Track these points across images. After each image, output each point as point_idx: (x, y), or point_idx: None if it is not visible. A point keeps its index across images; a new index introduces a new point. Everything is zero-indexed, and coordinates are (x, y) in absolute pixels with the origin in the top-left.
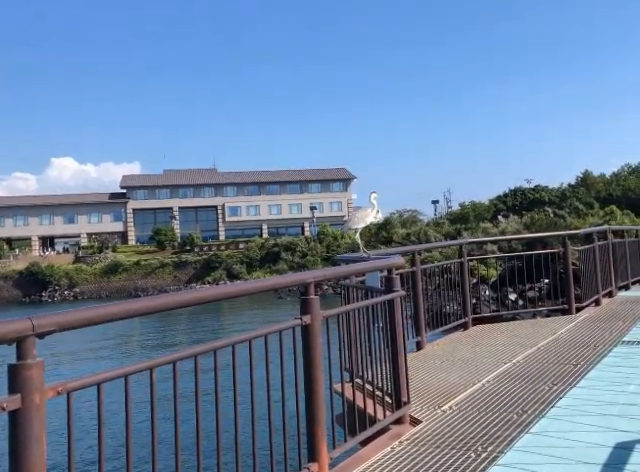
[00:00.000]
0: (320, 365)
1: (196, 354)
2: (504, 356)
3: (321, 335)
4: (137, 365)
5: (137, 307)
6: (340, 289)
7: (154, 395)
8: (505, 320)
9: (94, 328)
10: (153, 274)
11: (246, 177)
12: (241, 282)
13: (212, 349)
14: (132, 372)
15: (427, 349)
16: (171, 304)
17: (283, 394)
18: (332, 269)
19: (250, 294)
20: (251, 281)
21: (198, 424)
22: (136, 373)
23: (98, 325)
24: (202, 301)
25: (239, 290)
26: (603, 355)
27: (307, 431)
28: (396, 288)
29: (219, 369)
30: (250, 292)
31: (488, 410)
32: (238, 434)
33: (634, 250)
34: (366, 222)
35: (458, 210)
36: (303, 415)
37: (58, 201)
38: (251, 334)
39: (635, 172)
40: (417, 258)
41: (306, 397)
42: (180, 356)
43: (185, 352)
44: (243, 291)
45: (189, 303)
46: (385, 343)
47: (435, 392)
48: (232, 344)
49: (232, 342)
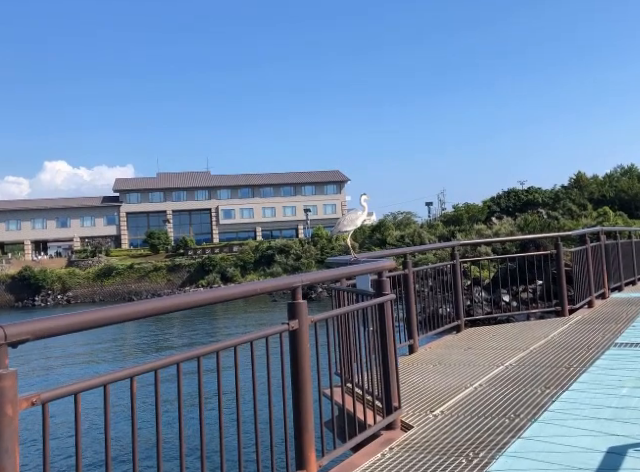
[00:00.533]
0: (308, 371)
1: (178, 361)
2: (496, 359)
3: (310, 339)
4: (116, 373)
5: (116, 314)
6: (331, 292)
7: (134, 404)
8: (499, 322)
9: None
10: (147, 278)
11: (240, 180)
12: (226, 287)
13: (195, 356)
14: (111, 381)
15: (419, 352)
16: (151, 310)
17: (270, 401)
18: (320, 273)
19: (236, 299)
20: (237, 285)
21: (181, 433)
22: (116, 382)
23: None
24: (185, 307)
25: (224, 295)
26: (596, 358)
27: (295, 438)
28: (386, 291)
29: (204, 376)
30: (236, 297)
31: (480, 414)
32: (223, 442)
33: (627, 251)
34: (356, 225)
35: (452, 212)
36: (291, 422)
37: (51, 205)
38: (236, 340)
39: (628, 173)
40: (409, 261)
41: (294, 404)
42: (161, 364)
43: (166, 360)
44: (228, 296)
45: (171, 309)
46: (375, 347)
47: (427, 396)
48: (216, 351)
49: (216, 349)
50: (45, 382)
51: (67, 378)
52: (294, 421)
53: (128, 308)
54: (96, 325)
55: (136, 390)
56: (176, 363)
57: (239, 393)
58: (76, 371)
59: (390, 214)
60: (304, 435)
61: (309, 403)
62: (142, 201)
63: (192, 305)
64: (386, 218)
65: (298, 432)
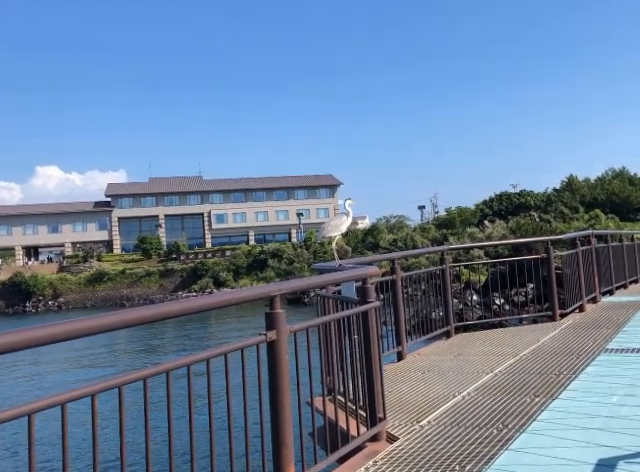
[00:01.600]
0: (287, 383)
1: (145, 377)
2: (486, 366)
3: (295, 349)
4: (75, 392)
5: (84, 326)
6: (316, 299)
7: (96, 424)
8: (491, 327)
9: None
10: (139, 283)
11: (232, 184)
12: (202, 296)
13: (163, 371)
14: (69, 400)
15: (408, 359)
16: (120, 323)
17: (245, 415)
18: (299, 281)
19: (212, 309)
20: (210, 296)
21: (148, 451)
22: (74, 400)
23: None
24: (157, 318)
25: (199, 305)
26: (586, 364)
27: (273, 453)
28: (371, 299)
29: (174, 390)
30: (212, 307)
31: (468, 425)
32: (194, 460)
33: (618, 254)
34: (341, 230)
35: (444, 215)
36: (269, 436)
37: (42, 210)
38: (209, 353)
39: (619, 176)
40: (397, 266)
41: (272, 417)
42: (125, 380)
43: (132, 375)
44: (204, 306)
45: (143, 321)
46: (360, 356)
47: (414, 406)
48: (187, 365)
49: (187, 363)
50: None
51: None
52: (272, 435)
53: (72, 325)
54: (60, 339)
55: (97, 408)
56: (142, 379)
57: (212, 408)
58: (58, 378)
59: (383, 218)
60: (282, 450)
61: (287, 416)
62: (134, 206)
63: (158, 318)
64: (379, 222)
65: (276, 447)
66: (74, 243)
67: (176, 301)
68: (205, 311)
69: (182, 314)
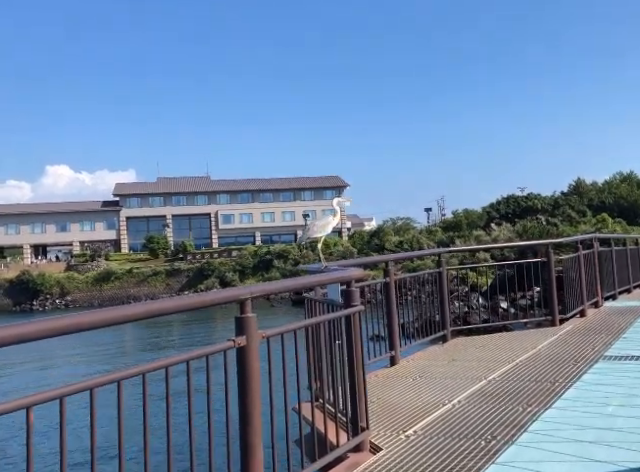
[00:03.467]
0: (257, 392)
1: (92, 387)
2: (480, 373)
3: (286, 351)
4: (39, 395)
5: (55, 325)
6: (304, 302)
7: (30, 438)
8: (492, 331)
9: None
10: (145, 282)
11: (239, 185)
12: (166, 299)
13: (114, 380)
14: (35, 403)
15: (401, 364)
16: (75, 326)
17: (210, 428)
18: (273, 284)
19: (182, 311)
20: (179, 297)
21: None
22: (40, 404)
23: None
24: (126, 320)
25: (163, 308)
26: (583, 372)
27: (241, 467)
28: (355, 302)
29: (128, 400)
30: (182, 309)
31: (455, 435)
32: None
33: (621, 259)
34: (327, 231)
35: (451, 218)
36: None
37: (50, 209)
38: (168, 360)
39: (627, 180)
40: (391, 268)
41: (240, 429)
42: (70, 390)
43: (79, 385)
44: (168, 309)
45: (112, 322)
46: (341, 362)
47: (401, 414)
48: (142, 373)
49: (142, 371)
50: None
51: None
52: (240, 448)
53: (31, 326)
54: (30, 338)
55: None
56: (89, 388)
57: (170, 420)
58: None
59: (389, 220)
60: (251, 462)
61: (257, 427)
62: (142, 206)
63: (138, 317)
64: (385, 224)
65: (245, 460)
66: (82, 242)
67: (140, 303)
68: (170, 314)
69: (145, 317)
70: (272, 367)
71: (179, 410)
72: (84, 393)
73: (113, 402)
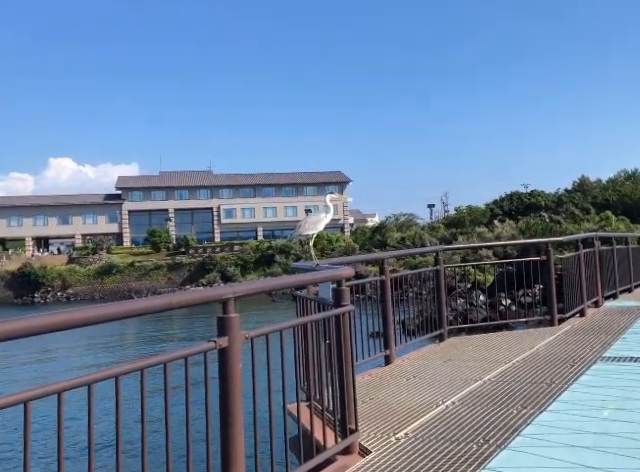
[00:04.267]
0: (239, 395)
1: (59, 391)
2: (475, 373)
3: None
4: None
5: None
6: (295, 301)
7: (28, 432)
8: (490, 330)
9: None
10: (147, 276)
11: (242, 179)
12: (141, 299)
13: (84, 383)
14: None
15: (396, 363)
16: (41, 328)
17: (187, 434)
18: (258, 283)
19: (156, 312)
20: (156, 297)
21: None
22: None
23: None
24: (85, 323)
25: (137, 309)
26: (580, 373)
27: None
28: (345, 302)
29: (97, 404)
30: (151, 311)
31: (446, 438)
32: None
33: (623, 257)
34: (318, 228)
35: (454, 214)
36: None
37: (52, 202)
38: (143, 362)
39: (631, 178)
40: (386, 266)
41: (221, 434)
42: (33, 395)
43: (48, 388)
44: (141, 310)
45: (67, 326)
46: (330, 363)
47: (393, 416)
48: (115, 376)
49: (115, 373)
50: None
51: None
52: (221, 455)
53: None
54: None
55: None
56: (57, 392)
57: (145, 426)
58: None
59: (392, 216)
60: (232, 470)
61: (239, 432)
62: (144, 199)
63: (106, 319)
64: (388, 220)
65: (225, 467)
66: (84, 235)
67: (112, 303)
68: (145, 314)
69: (117, 318)
70: (260, 368)
71: (158, 413)
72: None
73: (84, 405)
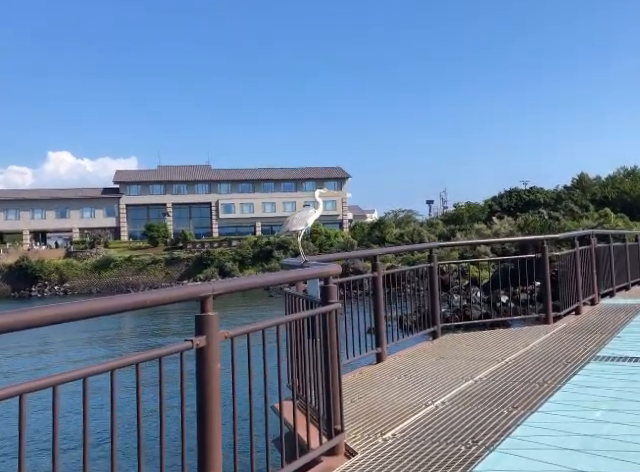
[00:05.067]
0: (217, 396)
1: (22, 393)
2: (467, 372)
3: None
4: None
5: None
6: (285, 297)
7: (23, 425)
8: (484, 327)
9: None
10: (145, 270)
11: (240, 174)
12: (113, 296)
13: (49, 385)
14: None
15: (388, 361)
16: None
17: (161, 439)
18: (240, 280)
19: (128, 310)
20: (129, 295)
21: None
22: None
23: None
24: (52, 321)
25: (108, 307)
26: (573, 373)
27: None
28: (332, 300)
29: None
30: (128, 308)
31: (435, 439)
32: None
33: (620, 255)
34: (307, 224)
35: (452, 211)
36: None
37: (50, 195)
38: (114, 363)
39: (631, 175)
40: (378, 263)
41: (198, 438)
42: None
43: (8, 390)
44: (114, 308)
45: (32, 324)
46: (316, 362)
47: (382, 415)
48: (83, 377)
49: (83, 374)
50: None
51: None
52: (198, 459)
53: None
54: None
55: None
56: (19, 394)
57: (115, 430)
58: None
59: (391, 212)
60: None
61: (217, 436)
62: (142, 193)
63: (53, 322)
64: (387, 216)
65: (202, 468)
66: (82, 229)
67: (82, 301)
68: (118, 313)
69: (85, 317)
70: (244, 367)
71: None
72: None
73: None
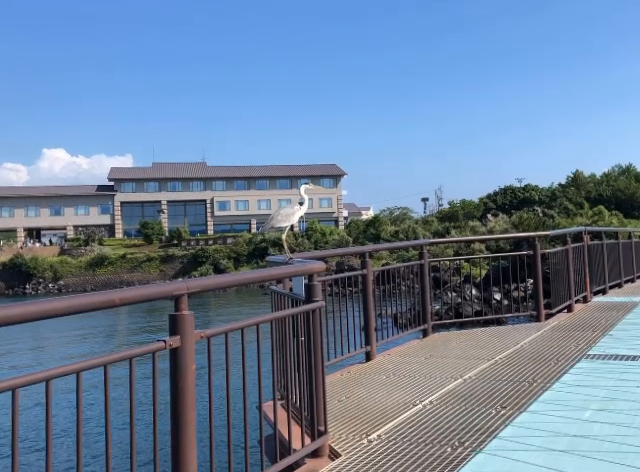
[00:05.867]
0: (192, 398)
1: None
2: (456, 371)
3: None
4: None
5: None
6: (270, 295)
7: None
8: (483, 324)
9: None
10: (139, 268)
11: (235, 172)
12: (80, 295)
13: (8, 388)
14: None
15: (377, 360)
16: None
17: (132, 442)
18: (216, 278)
19: (97, 309)
20: (97, 293)
21: None
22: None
23: None
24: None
25: (74, 305)
26: (564, 371)
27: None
28: (316, 298)
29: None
30: (96, 307)
31: (420, 441)
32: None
33: (613, 252)
34: (292, 221)
35: (447, 208)
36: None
37: (44, 193)
38: (80, 364)
39: (625, 172)
40: (368, 260)
41: (172, 440)
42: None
43: None
44: (79, 307)
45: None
46: (298, 361)
47: (369, 415)
48: (46, 379)
49: (48, 376)
50: None
51: None
52: (172, 462)
53: None
54: None
55: None
56: None
57: (80, 431)
58: None
59: (387, 209)
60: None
61: (191, 439)
62: (137, 191)
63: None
64: (382, 213)
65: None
66: (76, 226)
67: (46, 300)
68: (84, 312)
69: (48, 316)
70: (225, 367)
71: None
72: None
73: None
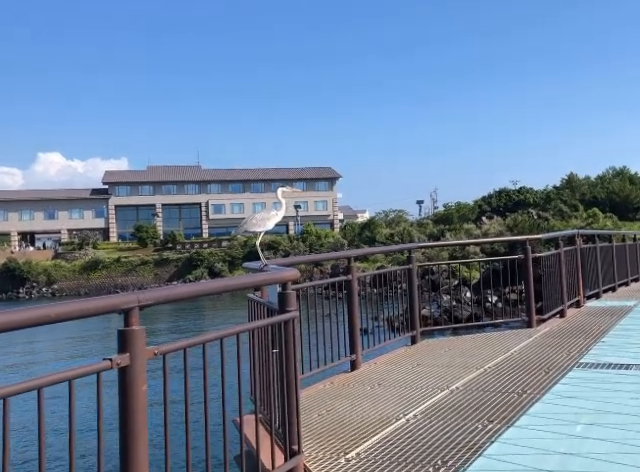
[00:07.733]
0: (143, 420)
1: None
2: (443, 381)
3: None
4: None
5: None
6: (247, 304)
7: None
8: (465, 330)
9: None
10: (134, 271)
11: (230, 175)
12: (17, 309)
13: None
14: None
15: (362, 369)
16: None
17: (71, 466)
18: (174, 289)
19: (21, 328)
20: (36, 307)
21: None
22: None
23: None
24: None
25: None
26: (555, 381)
27: None
28: (290, 307)
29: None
30: (21, 325)
31: (401, 460)
32: None
33: (607, 256)
34: (267, 226)
35: (442, 211)
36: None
37: (38, 196)
38: (9, 388)
39: (620, 175)
40: (352, 265)
41: (121, 467)
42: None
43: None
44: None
45: None
46: (273, 376)
47: (348, 431)
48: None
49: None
50: None
51: None
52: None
53: None
54: None
55: None
56: None
57: (7, 455)
58: None
59: (382, 212)
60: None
61: (142, 464)
62: (131, 194)
63: None
64: (377, 216)
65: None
66: (70, 230)
67: None
68: (15, 329)
69: None
70: (184, 385)
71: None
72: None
73: None
